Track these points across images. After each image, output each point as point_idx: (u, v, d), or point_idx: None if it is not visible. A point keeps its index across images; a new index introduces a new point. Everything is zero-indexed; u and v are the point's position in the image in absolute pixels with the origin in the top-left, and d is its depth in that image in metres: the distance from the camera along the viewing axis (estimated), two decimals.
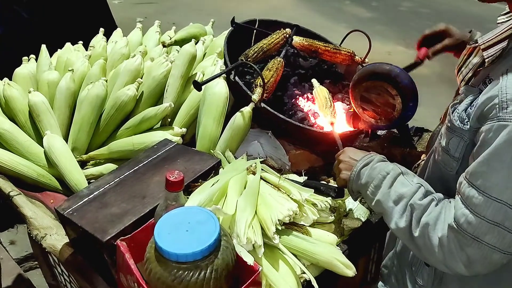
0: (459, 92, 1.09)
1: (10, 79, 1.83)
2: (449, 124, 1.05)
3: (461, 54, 1.13)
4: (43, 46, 1.97)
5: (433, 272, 1.21)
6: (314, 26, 2.02)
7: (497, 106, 0.89)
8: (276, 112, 1.50)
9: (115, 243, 1.08)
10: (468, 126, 1.00)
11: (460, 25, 1.53)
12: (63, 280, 1.68)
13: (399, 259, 1.32)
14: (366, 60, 1.89)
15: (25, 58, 1.92)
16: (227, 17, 1.86)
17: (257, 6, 6.75)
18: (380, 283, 1.47)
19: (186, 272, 0.93)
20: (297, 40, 1.81)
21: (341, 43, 1.95)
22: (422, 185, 1.07)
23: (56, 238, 1.31)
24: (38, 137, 1.67)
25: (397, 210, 1.06)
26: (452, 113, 1.05)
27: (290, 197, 1.21)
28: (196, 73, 1.78)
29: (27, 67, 1.86)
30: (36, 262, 2.31)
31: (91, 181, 1.60)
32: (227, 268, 0.97)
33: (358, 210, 1.39)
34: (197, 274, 0.93)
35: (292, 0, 7.04)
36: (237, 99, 1.65)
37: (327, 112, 1.60)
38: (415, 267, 1.26)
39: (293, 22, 1.92)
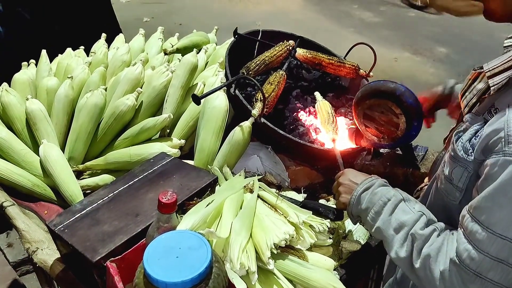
0: (463, 119, 1.06)
1: (10, 81, 1.81)
2: (452, 153, 1.02)
3: (466, 79, 1.10)
4: (43, 52, 1.95)
5: None
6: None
7: (503, 140, 0.86)
8: (276, 128, 1.46)
9: (105, 264, 1.05)
10: (472, 158, 0.96)
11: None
12: (56, 286, 1.66)
13: (399, 287, 1.28)
14: (371, 74, 1.86)
15: (24, 63, 1.90)
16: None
17: (264, 8, 6.72)
18: None
19: None
20: (300, 52, 1.78)
21: (345, 56, 1.91)
22: (424, 214, 1.04)
23: (47, 253, 1.29)
24: (35, 145, 1.64)
25: (398, 239, 1.03)
26: (456, 142, 1.01)
27: (287, 219, 1.17)
28: (197, 83, 1.75)
29: (26, 73, 1.84)
30: (32, 267, 2.29)
31: (87, 191, 1.58)
32: None
33: (357, 232, 1.36)
34: None
35: (300, 2, 7.01)
36: (237, 112, 1.61)
37: (329, 128, 1.56)
38: None
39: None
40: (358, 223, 1.29)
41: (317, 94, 1.73)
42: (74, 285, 1.23)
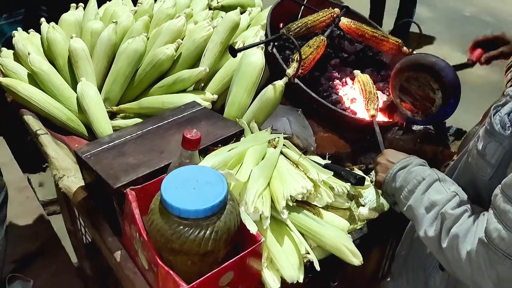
0: (504, 93, 1.01)
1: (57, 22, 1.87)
2: (488, 127, 0.97)
3: None
4: None
5: (447, 276, 1.15)
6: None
7: None
8: (308, 90, 1.45)
9: (125, 191, 1.08)
10: (509, 132, 0.92)
11: None
12: (79, 225, 1.73)
13: (413, 260, 1.26)
14: (414, 52, 1.81)
15: (73, 5, 1.95)
16: None
17: None
18: (389, 280, 1.42)
19: (186, 229, 0.92)
20: (344, 21, 1.74)
21: (390, 32, 1.87)
22: (457, 194, 1.01)
23: (72, 181, 1.33)
24: (74, 83, 1.69)
25: (428, 218, 1.01)
26: (494, 115, 0.97)
27: (307, 176, 1.17)
28: (236, 42, 1.75)
29: (74, 14, 1.88)
30: (59, 208, 2.38)
31: None
32: (228, 232, 0.95)
33: (377, 202, 1.34)
34: (196, 232, 0.92)
35: None
36: (272, 73, 1.61)
37: (372, 101, 1.54)
38: (428, 270, 1.21)
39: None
40: (380, 193, 1.28)
41: (357, 72, 1.71)
42: (93, 213, 1.27)
